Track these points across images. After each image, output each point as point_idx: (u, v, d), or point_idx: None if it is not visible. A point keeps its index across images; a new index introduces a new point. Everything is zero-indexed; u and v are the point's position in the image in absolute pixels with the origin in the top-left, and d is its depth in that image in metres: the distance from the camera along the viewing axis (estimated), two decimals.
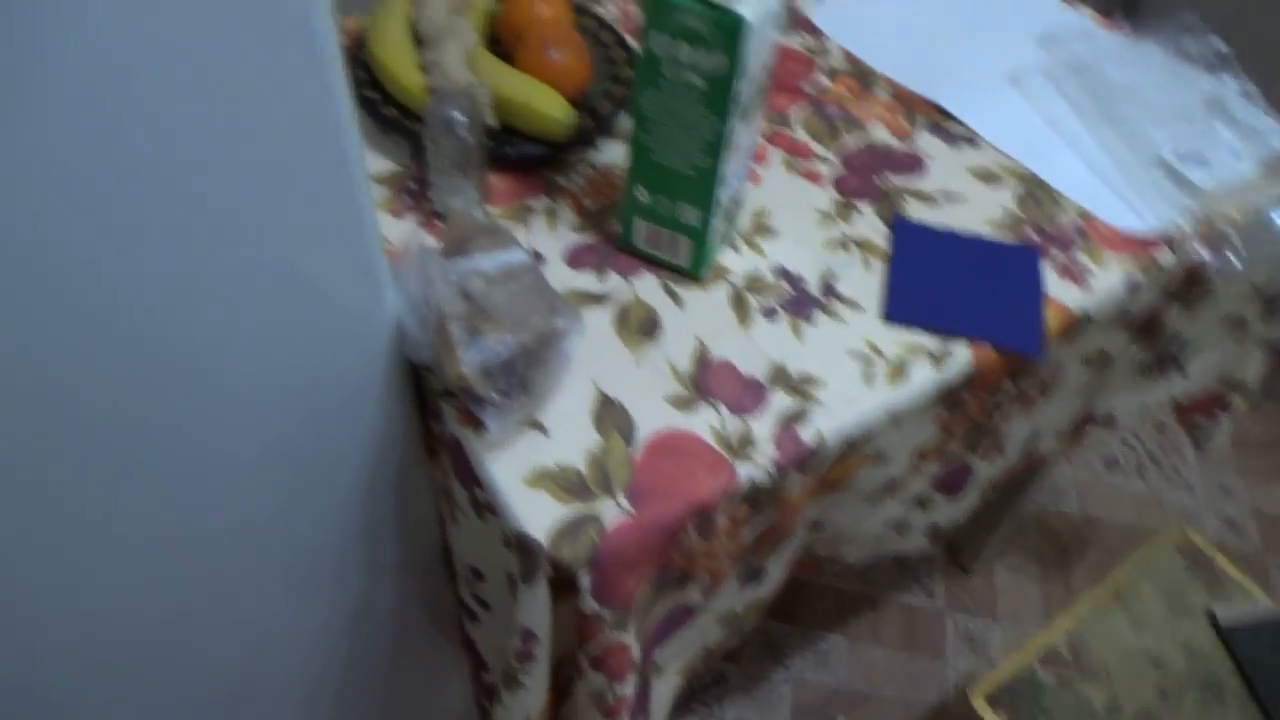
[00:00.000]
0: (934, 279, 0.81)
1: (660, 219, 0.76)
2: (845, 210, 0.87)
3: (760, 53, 0.68)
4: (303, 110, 0.53)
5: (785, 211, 0.86)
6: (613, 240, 0.82)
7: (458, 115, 0.74)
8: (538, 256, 0.80)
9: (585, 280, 0.78)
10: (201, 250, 0.54)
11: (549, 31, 0.87)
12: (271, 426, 0.67)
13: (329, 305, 0.63)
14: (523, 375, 0.64)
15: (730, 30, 0.64)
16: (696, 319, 0.76)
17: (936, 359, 0.75)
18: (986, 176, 0.92)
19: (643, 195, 0.76)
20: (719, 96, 0.67)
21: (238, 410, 0.64)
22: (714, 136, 0.69)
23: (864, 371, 0.74)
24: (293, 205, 0.56)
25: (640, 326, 0.75)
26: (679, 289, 0.78)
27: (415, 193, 0.83)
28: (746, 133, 0.73)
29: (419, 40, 0.87)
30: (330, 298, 0.63)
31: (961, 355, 0.76)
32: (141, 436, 0.60)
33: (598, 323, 0.75)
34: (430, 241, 0.79)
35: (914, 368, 0.75)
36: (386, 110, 0.85)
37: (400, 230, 0.80)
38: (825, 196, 0.88)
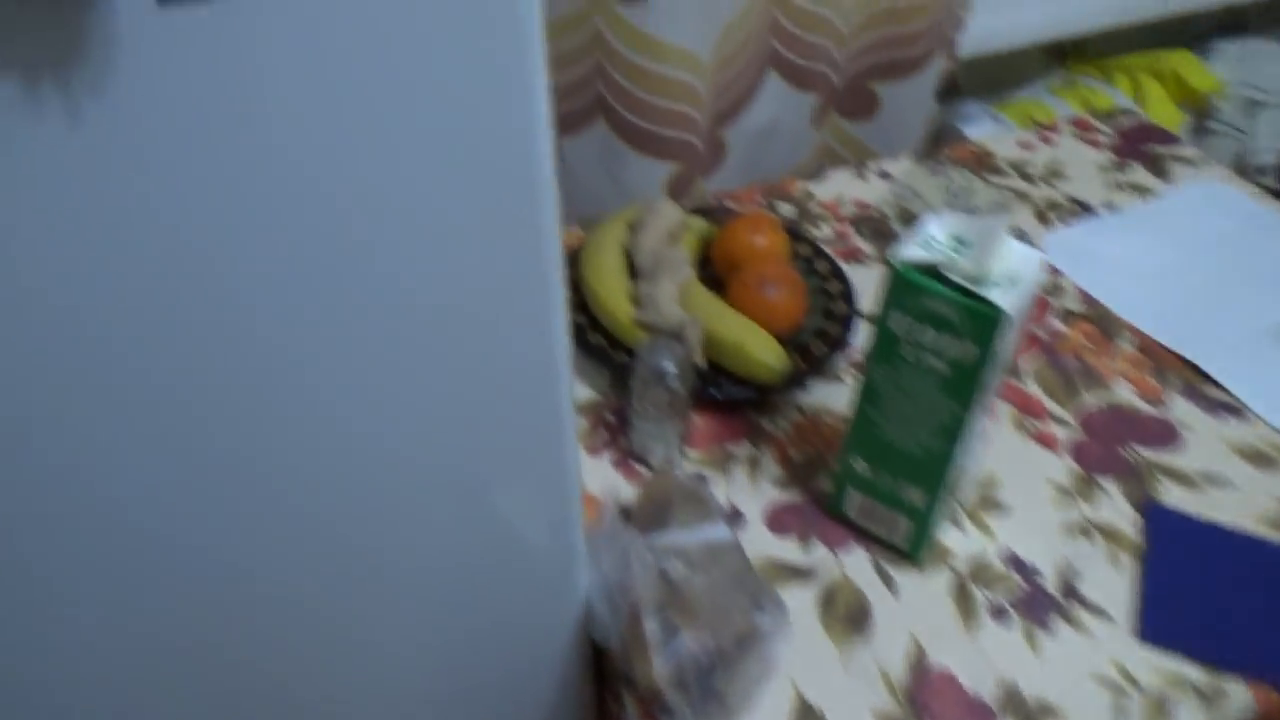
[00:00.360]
0: (1200, 589, 0.69)
1: (878, 494, 0.69)
2: (1086, 487, 0.76)
3: (1013, 335, 0.61)
4: (521, 339, 0.49)
5: (1016, 482, 0.77)
6: (819, 501, 0.74)
7: (669, 366, 0.70)
8: (737, 514, 0.73)
9: (787, 549, 0.71)
10: (397, 471, 0.51)
11: (765, 267, 0.83)
12: (441, 656, 0.63)
13: (517, 548, 0.59)
14: (719, 686, 0.57)
15: (985, 322, 0.57)
16: (913, 611, 0.67)
17: (1206, 699, 0.63)
18: (1257, 458, 0.79)
19: (860, 466, 0.69)
20: (963, 384, 0.60)
21: (411, 636, 0.60)
22: (952, 422, 0.62)
23: (1114, 704, 0.62)
24: (497, 436, 0.53)
25: (848, 614, 0.67)
26: (893, 571, 0.70)
27: (613, 427, 0.80)
28: (985, 410, 0.66)
29: (633, 268, 0.85)
30: (520, 539, 0.58)
31: (1239, 697, 0.63)
32: (318, 641, 0.57)
33: (800, 605, 0.67)
34: (625, 489, 0.75)
35: (1177, 707, 0.62)
36: (593, 337, 0.83)
37: (595, 469, 0.76)
38: (1063, 467, 0.78)
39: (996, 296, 0.57)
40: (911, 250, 0.59)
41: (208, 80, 0.31)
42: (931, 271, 0.59)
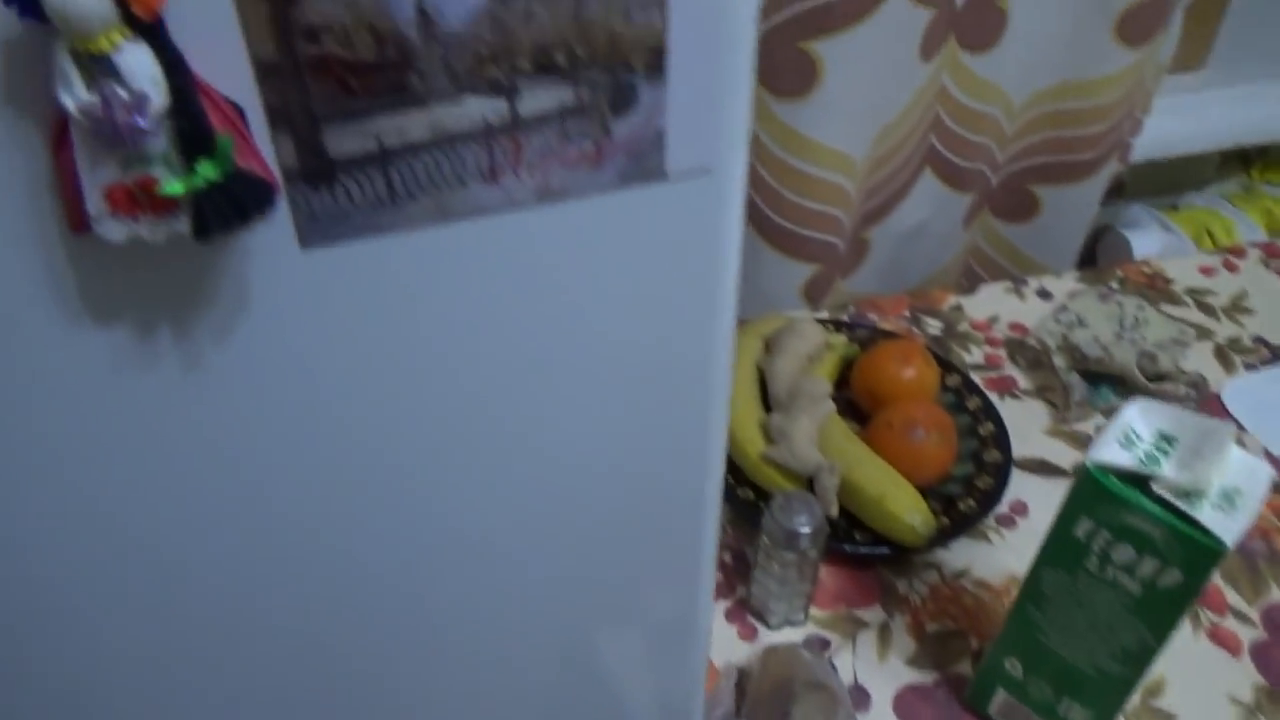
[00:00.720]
0: None
1: (1031, 702, 0.60)
2: (1271, 704, 0.66)
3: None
4: (672, 479, 0.42)
5: (1187, 690, 0.67)
6: (956, 687, 0.66)
7: (803, 528, 0.63)
8: (862, 694, 0.66)
9: None
10: (511, 605, 0.45)
11: (912, 408, 0.75)
12: None
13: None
14: None
15: (1200, 553, 0.48)
16: None
17: None
18: None
19: (1013, 667, 0.60)
20: (1159, 610, 0.51)
21: None
22: (1139, 648, 0.53)
23: None
24: (627, 577, 0.47)
25: None
26: None
27: (729, 569, 0.73)
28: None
29: (766, 393, 0.79)
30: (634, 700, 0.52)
31: None
32: None
33: None
34: (739, 649, 0.68)
35: None
36: None
37: None
38: (1243, 677, 0.68)
39: (1211, 518, 0.48)
40: (1110, 450, 0.51)
41: (350, 321, 0.27)
42: (1134, 478, 0.50)
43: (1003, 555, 0.74)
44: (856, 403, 0.83)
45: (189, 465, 0.28)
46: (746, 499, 0.74)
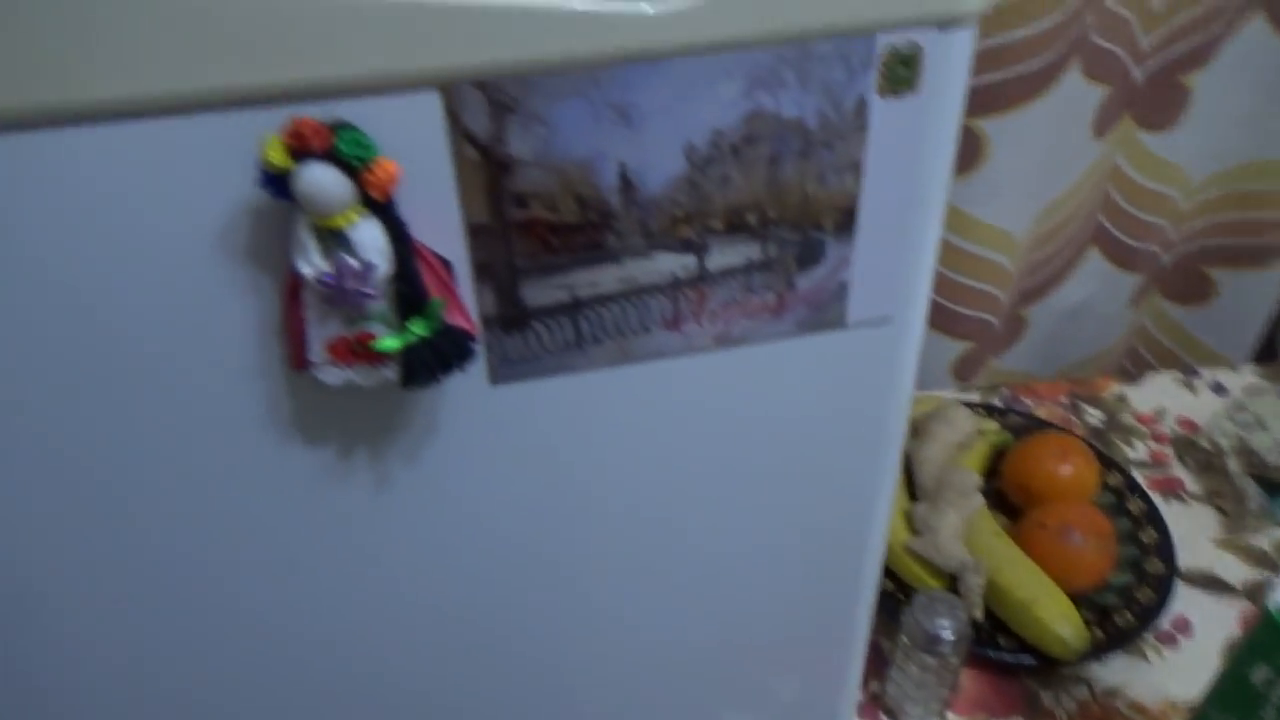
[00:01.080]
0: None
1: None
2: None
3: None
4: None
5: None
6: None
7: (946, 632, 0.61)
8: None
9: None
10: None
11: (1068, 509, 0.72)
12: None
13: None
14: None
15: None
16: None
17: None
18: None
19: None
20: None
21: None
22: None
23: None
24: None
25: None
26: None
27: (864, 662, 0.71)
28: None
29: (911, 480, 0.77)
30: None
31: None
32: None
33: None
34: None
35: None
36: None
37: None
38: None
39: None
40: None
41: (532, 449, 0.28)
42: None
43: (1162, 677, 0.69)
44: (1006, 494, 0.79)
45: (374, 574, 0.29)
46: (886, 589, 0.72)
